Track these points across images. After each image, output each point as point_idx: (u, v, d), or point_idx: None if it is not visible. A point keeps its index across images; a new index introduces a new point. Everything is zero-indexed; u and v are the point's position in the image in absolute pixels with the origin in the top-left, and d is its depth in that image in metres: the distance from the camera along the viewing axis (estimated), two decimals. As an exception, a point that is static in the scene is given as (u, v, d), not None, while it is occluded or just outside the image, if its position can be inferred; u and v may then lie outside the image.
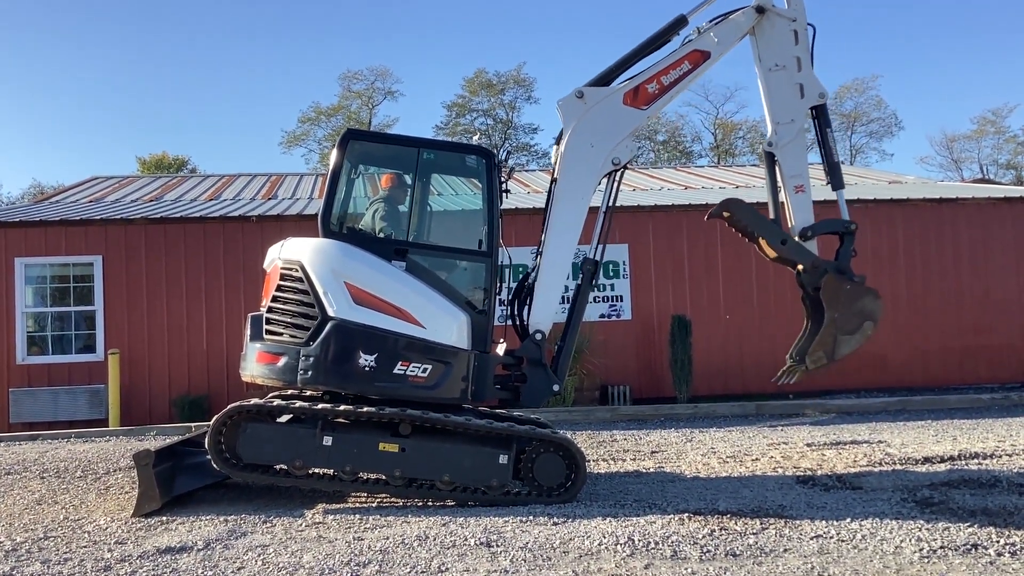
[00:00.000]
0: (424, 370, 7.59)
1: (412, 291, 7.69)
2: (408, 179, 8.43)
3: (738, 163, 48.24)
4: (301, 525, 6.82)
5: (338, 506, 7.57)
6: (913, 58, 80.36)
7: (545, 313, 8.20)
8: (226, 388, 14.72)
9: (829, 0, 78.02)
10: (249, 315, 8.30)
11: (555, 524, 6.66)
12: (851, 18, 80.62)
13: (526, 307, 8.39)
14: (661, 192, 19.71)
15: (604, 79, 8.43)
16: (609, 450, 10.65)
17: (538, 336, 8.10)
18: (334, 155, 8.25)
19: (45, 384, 14.70)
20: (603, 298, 15.71)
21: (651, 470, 9.22)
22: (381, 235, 8.12)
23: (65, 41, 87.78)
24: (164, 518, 7.17)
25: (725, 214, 8.64)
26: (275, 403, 7.74)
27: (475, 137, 10.45)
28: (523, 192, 19.68)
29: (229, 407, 7.61)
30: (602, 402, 15.09)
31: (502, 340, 8.55)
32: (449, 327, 7.70)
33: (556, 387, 8.16)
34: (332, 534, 6.53)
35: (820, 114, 8.73)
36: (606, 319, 15.67)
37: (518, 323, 8.45)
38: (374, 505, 7.61)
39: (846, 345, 8.35)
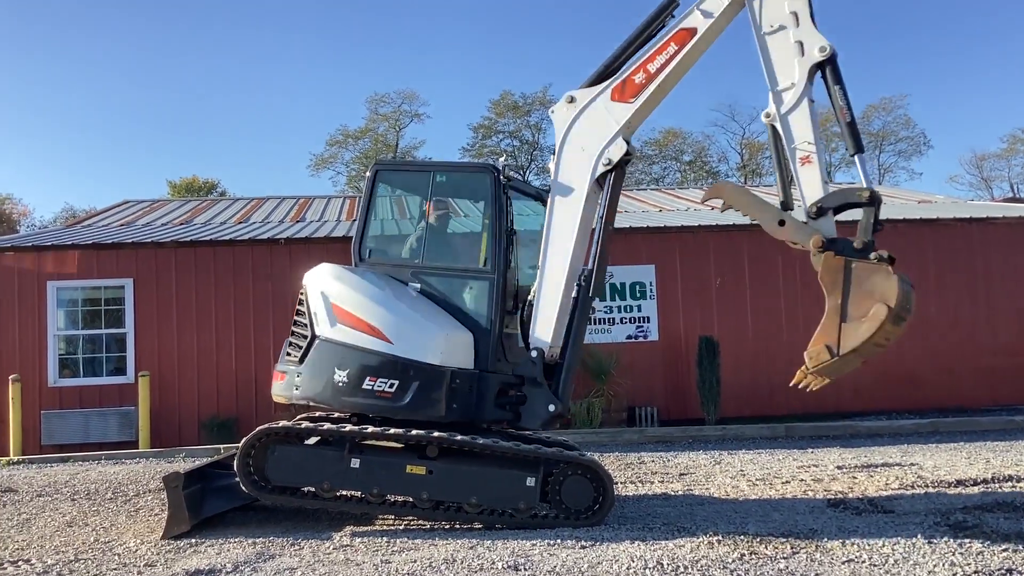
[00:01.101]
0: (391, 385, 7.68)
1: (388, 310, 7.86)
2: (441, 204, 8.65)
3: (765, 183, 48.11)
4: (329, 548, 6.83)
5: (365, 529, 7.58)
6: (942, 77, 79.89)
7: (543, 329, 7.90)
8: (255, 410, 14.80)
9: (856, 20, 77.95)
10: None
11: (583, 548, 6.63)
12: (879, 37, 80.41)
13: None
14: (688, 213, 19.69)
15: (597, 79, 8.08)
16: (637, 472, 10.60)
17: (534, 354, 7.84)
18: (364, 187, 8.44)
19: (76, 406, 14.85)
20: (630, 319, 15.67)
21: (679, 493, 9.16)
22: (403, 259, 8.44)
23: (96, 66, 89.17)
24: (193, 540, 7.21)
25: (718, 199, 8.12)
26: (303, 425, 7.78)
27: (501, 158, 10.56)
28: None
29: (257, 429, 7.67)
30: (629, 424, 15.02)
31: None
32: (422, 344, 7.75)
33: (552, 407, 7.77)
34: (360, 557, 6.53)
35: (827, 71, 7.28)
36: (633, 340, 15.63)
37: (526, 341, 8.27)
38: (401, 528, 7.61)
39: (853, 335, 6.73)
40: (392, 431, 7.51)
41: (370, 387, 7.74)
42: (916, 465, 10.48)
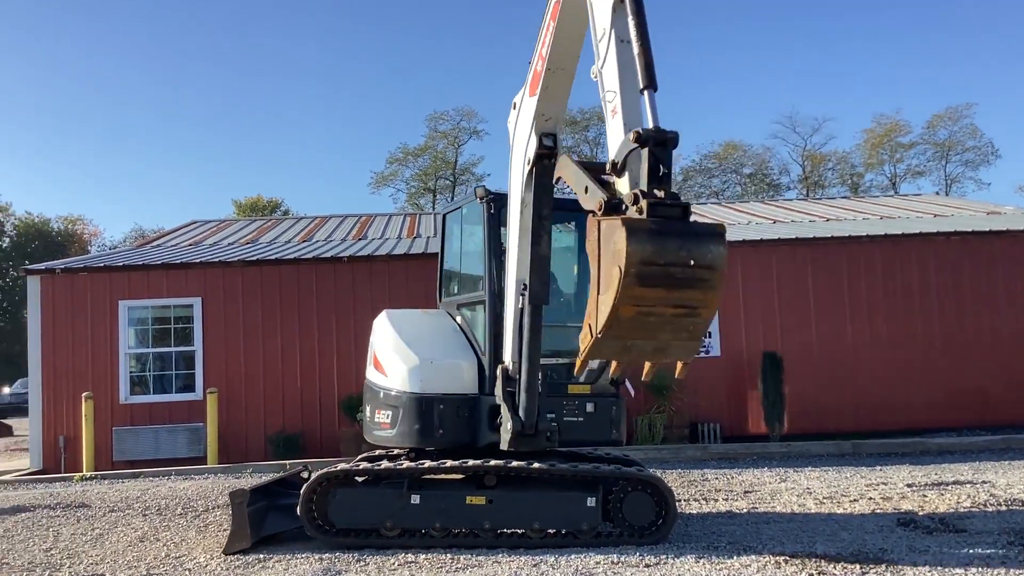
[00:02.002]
0: (387, 416, 8.12)
1: (392, 345, 8.37)
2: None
3: (828, 195, 47.39)
4: (394, 564, 6.88)
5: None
6: (1009, 85, 78.02)
7: (505, 345, 7.70)
8: (319, 425, 15.03)
9: (922, 29, 76.60)
10: None
11: (647, 566, 6.59)
12: (944, 45, 78.88)
13: None
14: (749, 226, 19.49)
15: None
16: (700, 490, 10.50)
17: (499, 371, 7.62)
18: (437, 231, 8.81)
19: (147, 423, 15.19)
20: (692, 335, 15.51)
21: (744, 510, 9.06)
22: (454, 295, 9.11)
23: (162, 88, 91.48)
24: (261, 556, 7.32)
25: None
26: (361, 466, 7.86)
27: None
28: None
29: (316, 475, 7.69)
30: (692, 440, 14.89)
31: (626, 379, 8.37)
32: (404, 374, 8.12)
33: (510, 424, 7.36)
34: (424, 574, 6.58)
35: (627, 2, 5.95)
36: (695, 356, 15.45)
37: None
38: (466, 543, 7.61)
39: (603, 307, 5.18)
40: (448, 463, 7.54)
41: (378, 420, 8.32)
42: (988, 483, 10.21)
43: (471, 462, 7.52)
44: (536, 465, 7.48)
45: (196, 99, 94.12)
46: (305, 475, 8.86)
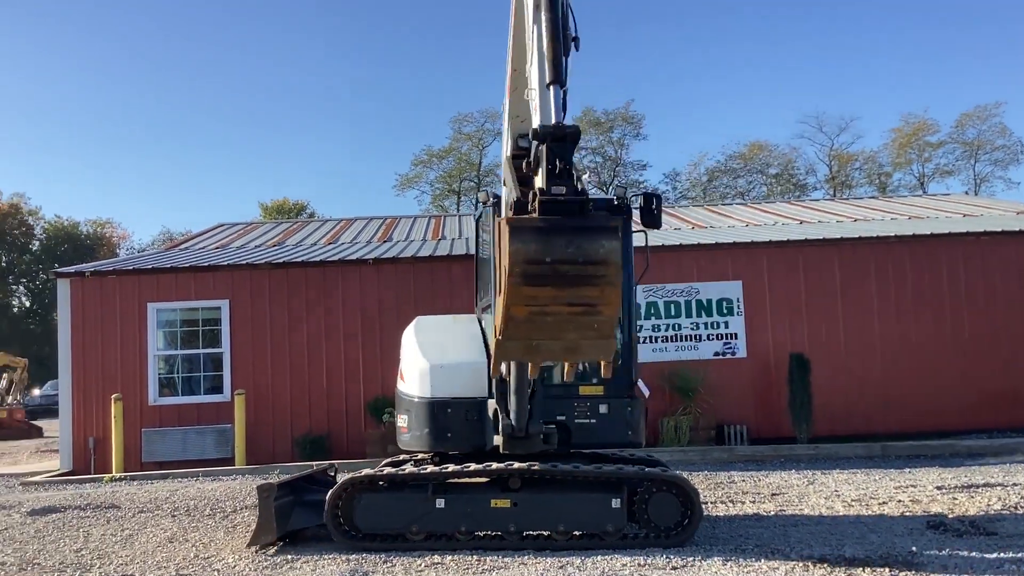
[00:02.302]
0: (404, 420, 8.23)
1: (410, 349, 8.48)
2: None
3: (855, 195, 47.02)
4: (420, 566, 6.90)
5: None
6: (1040, 81, 76.99)
7: None
8: (345, 428, 15.09)
9: (948, 27, 75.87)
10: None
11: (674, 568, 6.57)
12: (973, 43, 78.04)
13: None
14: (775, 227, 19.39)
15: None
16: (727, 492, 10.45)
17: (492, 373, 7.57)
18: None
19: (175, 424, 15.31)
20: (717, 336, 15.48)
21: (772, 513, 9.01)
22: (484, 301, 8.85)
23: (189, 92, 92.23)
24: (289, 557, 7.36)
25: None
26: (385, 471, 7.89)
27: (584, 176, 10.48)
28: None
29: (342, 480, 7.73)
30: (718, 442, 14.82)
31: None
32: (415, 378, 8.20)
33: (501, 427, 7.45)
34: (451, 575, 6.58)
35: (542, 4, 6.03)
36: (720, 357, 15.43)
37: None
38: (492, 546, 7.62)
39: (499, 309, 5.28)
40: (472, 467, 7.54)
41: (399, 424, 8.44)
42: (1019, 485, 10.09)
43: (495, 465, 7.51)
44: (560, 467, 7.48)
45: (222, 103, 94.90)
46: (332, 473, 8.96)
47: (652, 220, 8.00)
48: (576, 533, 7.46)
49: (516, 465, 7.47)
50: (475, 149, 60.55)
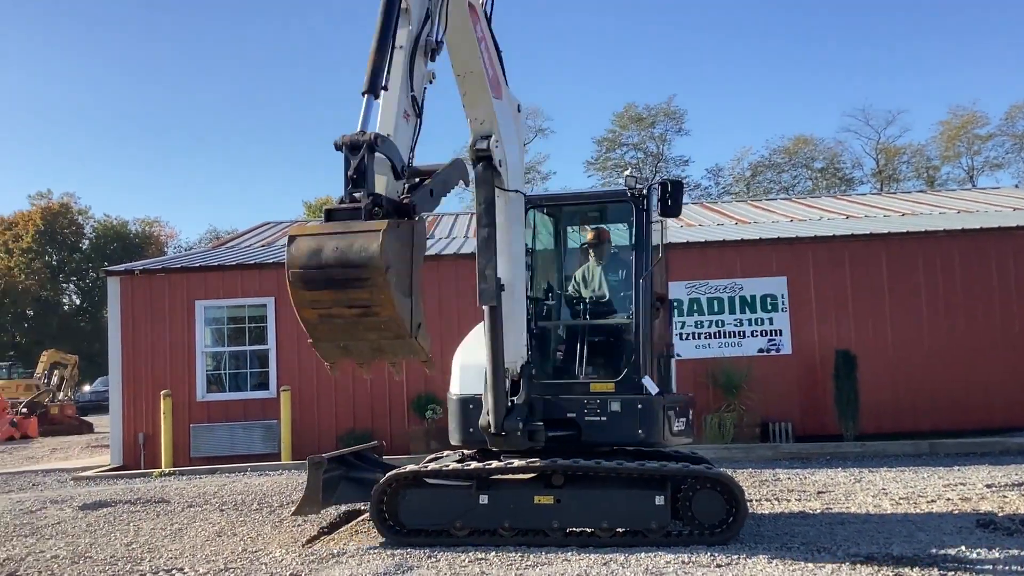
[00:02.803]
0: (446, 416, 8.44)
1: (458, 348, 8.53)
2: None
3: (903, 189, 46.30)
4: (464, 561, 6.93)
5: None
6: (1094, 71, 75.26)
7: (508, 347, 7.55)
8: (389, 424, 15.17)
9: (997, 17, 74.46)
10: None
11: (719, 567, 6.53)
12: (1021, 35, 76.45)
13: None
14: (821, 222, 19.18)
15: None
16: (772, 490, 10.37)
17: (517, 371, 7.73)
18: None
19: (223, 420, 15.53)
20: (761, 332, 15.35)
21: (818, 511, 8.92)
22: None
23: (234, 94, 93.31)
24: (334, 552, 7.43)
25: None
26: (429, 467, 7.94)
27: (626, 172, 10.47)
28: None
29: (387, 475, 7.77)
30: (763, 439, 14.69)
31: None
32: (452, 376, 8.41)
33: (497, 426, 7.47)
34: (495, 571, 6.61)
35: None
36: (764, 353, 15.30)
37: None
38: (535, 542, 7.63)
39: None
40: (515, 463, 7.55)
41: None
42: (1074, 484, 9.91)
43: (538, 462, 7.52)
44: (604, 464, 7.47)
45: (267, 104, 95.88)
46: (379, 450, 9.12)
47: (669, 209, 8.14)
48: (619, 530, 7.44)
49: (560, 462, 7.48)
50: (517, 146, 60.46)
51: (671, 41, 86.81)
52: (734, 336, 15.24)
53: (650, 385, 7.91)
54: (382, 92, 5.87)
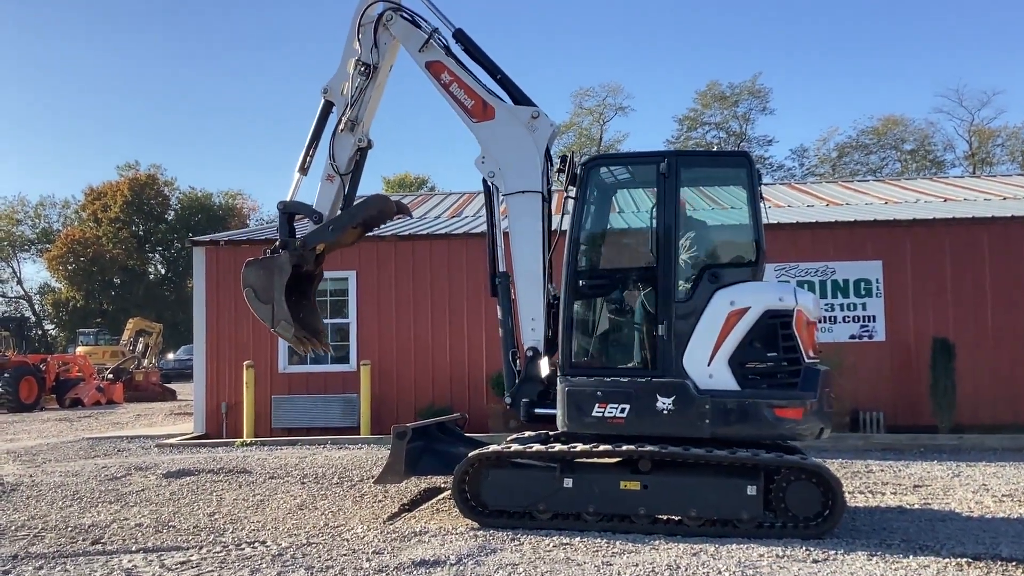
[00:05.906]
0: None
1: None
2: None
3: (1002, 172, 44.51)
4: (549, 546, 6.76)
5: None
6: None
7: (524, 329, 8.10)
8: (467, 401, 15.05)
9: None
10: None
11: (815, 562, 6.24)
12: None
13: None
14: (917, 205, 18.43)
15: None
16: (865, 482, 9.99)
17: (529, 353, 8.05)
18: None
19: (303, 392, 15.62)
20: (853, 318, 14.82)
21: (915, 506, 8.54)
22: None
23: (314, 71, 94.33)
24: (417, 530, 7.34)
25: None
26: (512, 448, 7.71)
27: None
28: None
29: (469, 455, 7.61)
30: (852, 429, 14.19)
31: None
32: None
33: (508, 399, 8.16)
34: (580, 557, 6.42)
35: None
36: (856, 340, 14.77)
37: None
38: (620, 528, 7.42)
39: None
40: (601, 447, 7.35)
41: None
42: None
43: (625, 447, 7.30)
44: (692, 451, 7.21)
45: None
46: (463, 423, 9.08)
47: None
48: (708, 519, 7.19)
49: (648, 447, 7.25)
50: (596, 124, 60.03)
51: (756, 17, 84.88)
52: (825, 321, 14.72)
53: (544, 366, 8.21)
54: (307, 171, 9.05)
